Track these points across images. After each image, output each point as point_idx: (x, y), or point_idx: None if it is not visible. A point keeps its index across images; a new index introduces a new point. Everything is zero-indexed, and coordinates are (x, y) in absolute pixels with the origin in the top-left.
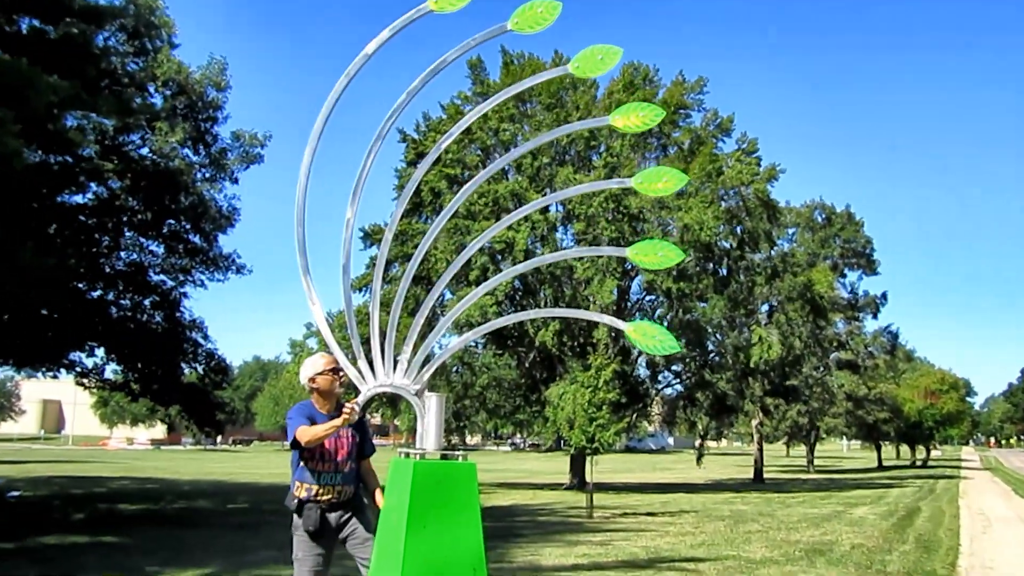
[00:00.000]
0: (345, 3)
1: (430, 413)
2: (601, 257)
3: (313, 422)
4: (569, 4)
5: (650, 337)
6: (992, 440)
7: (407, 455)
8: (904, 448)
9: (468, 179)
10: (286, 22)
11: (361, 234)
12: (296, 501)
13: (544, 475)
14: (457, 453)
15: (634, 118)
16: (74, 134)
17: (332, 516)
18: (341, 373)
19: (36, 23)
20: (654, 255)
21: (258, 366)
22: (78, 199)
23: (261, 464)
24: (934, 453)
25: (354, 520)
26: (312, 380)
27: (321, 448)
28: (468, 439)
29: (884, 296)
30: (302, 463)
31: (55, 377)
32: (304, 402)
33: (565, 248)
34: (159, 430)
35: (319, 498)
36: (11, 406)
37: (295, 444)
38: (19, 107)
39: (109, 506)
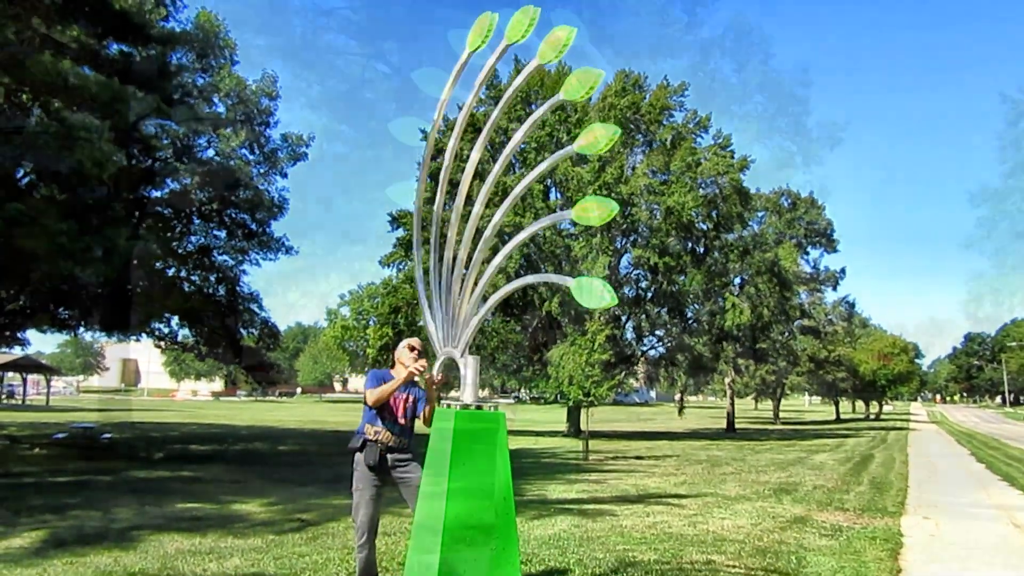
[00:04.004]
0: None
1: (468, 370)
2: (595, 237)
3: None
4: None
5: (590, 293)
6: (938, 397)
7: (449, 405)
8: (859, 403)
9: (481, 172)
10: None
11: (389, 218)
12: (362, 440)
13: (544, 424)
14: (489, 403)
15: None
16: (154, 140)
17: (389, 457)
18: (421, 355)
19: (123, 47)
20: (593, 213)
21: (300, 330)
22: (157, 193)
23: (304, 413)
24: (886, 408)
25: (408, 468)
26: (399, 353)
27: (386, 403)
28: (480, 392)
29: (843, 271)
30: (374, 411)
31: (138, 341)
32: (383, 370)
33: (563, 231)
34: (218, 383)
35: (380, 439)
36: (97, 364)
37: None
38: (111, 118)
39: (182, 447)
